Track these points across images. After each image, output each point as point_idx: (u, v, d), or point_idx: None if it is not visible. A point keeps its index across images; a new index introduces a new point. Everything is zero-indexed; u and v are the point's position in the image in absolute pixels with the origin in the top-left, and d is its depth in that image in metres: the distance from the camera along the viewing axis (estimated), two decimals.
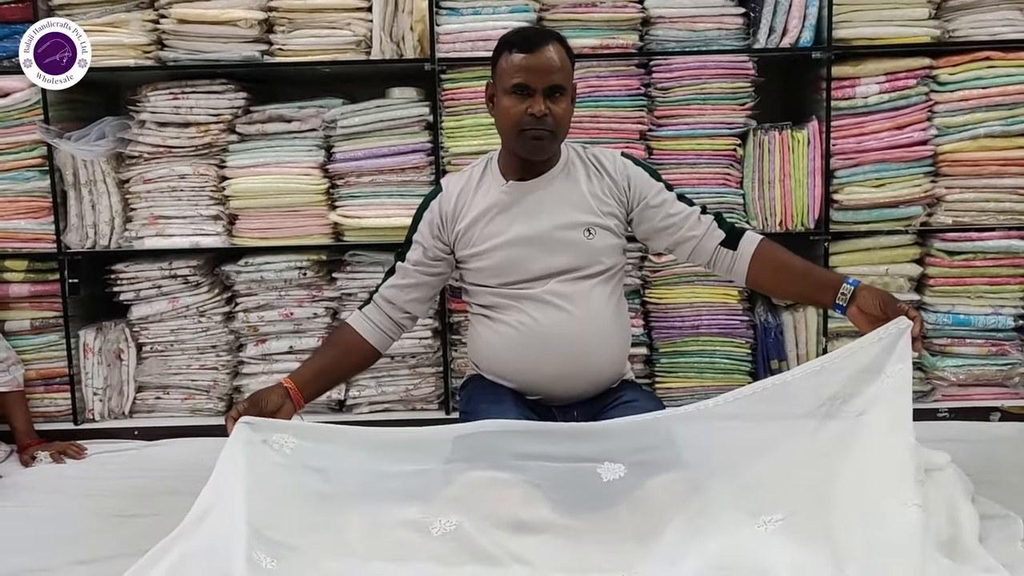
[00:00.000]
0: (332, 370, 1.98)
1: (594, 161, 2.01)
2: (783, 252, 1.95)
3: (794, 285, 1.96)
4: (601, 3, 2.69)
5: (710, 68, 2.71)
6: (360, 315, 2.01)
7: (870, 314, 1.75)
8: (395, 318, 2.02)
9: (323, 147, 2.78)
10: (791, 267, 1.93)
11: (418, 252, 2.02)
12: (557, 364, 1.92)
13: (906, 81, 2.67)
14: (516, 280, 1.94)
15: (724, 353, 2.81)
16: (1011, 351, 2.76)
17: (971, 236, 2.72)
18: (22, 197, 2.80)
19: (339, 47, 2.72)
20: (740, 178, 2.76)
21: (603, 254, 1.96)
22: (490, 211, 1.96)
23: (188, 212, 2.79)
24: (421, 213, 2.04)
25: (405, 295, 2.01)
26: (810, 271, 1.94)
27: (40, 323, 2.84)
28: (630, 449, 1.71)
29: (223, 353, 2.87)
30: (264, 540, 1.56)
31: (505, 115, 1.90)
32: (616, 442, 1.72)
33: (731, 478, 1.75)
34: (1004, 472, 2.24)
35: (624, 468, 1.69)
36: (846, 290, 1.80)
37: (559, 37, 1.94)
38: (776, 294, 2.48)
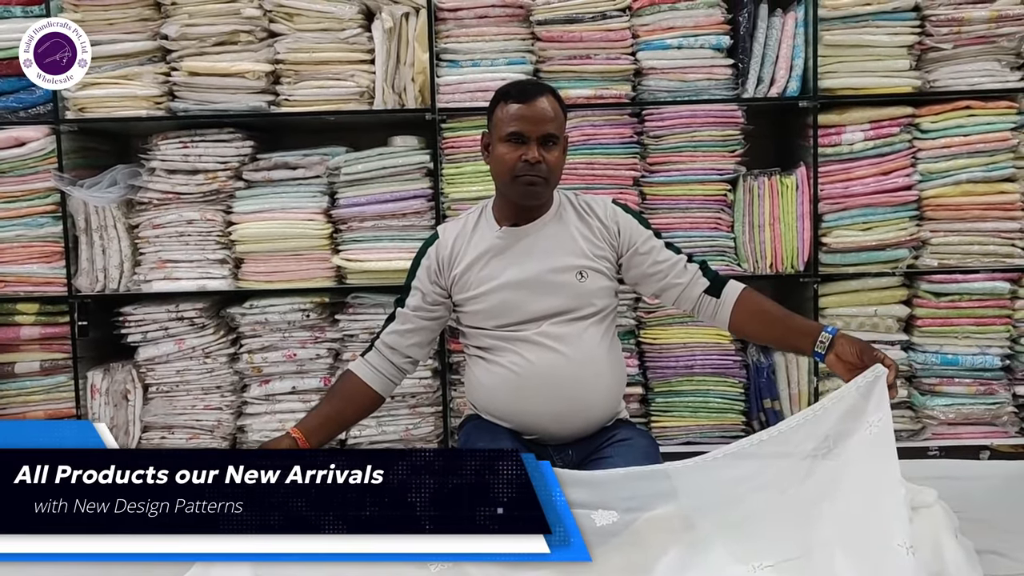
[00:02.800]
0: (338, 417, 2.03)
1: (585, 207, 2.08)
2: (764, 300, 2.01)
3: (774, 331, 2.00)
4: (595, 55, 2.79)
5: (700, 117, 2.80)
6: (363, 362, 2.06)
7: (848, 362, 1.79)
8: (397, 363, 2.07)
9: (327, 193, 2.86)
10: (771, 314, 1.99)
11: (417, 298, 2.08)
12: (551, 404, 1.97)
13: (890, 129, 2.76)
14: (510, 322, 2.00)
15: (718, 392, 2.86)
16: (999, 390, 2.81)
17: (956, 278, 2.79)
18: (35, 242, 2.87)
19: (343, 97, 2.82)
20: (731, 222, 2.83)
21: (595, 296, 2.02)
22: (485, 256, 2.03)
23: (195, 256, 2.87)
24: (419, 260, 2.10)
25: (406, 340, 2.07)
26: (790, 318, 1.99)
27: (50, 364, 2.90)
28: (625, 497, 1.74)
29: (227, 394, 2.93)
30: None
31: (500, 162, 1.98)
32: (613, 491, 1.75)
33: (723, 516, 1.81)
34: (993, 510, 2.26)
35: (617, 515, 1.73)
36: (824, 338, 1.84)
37: (552, 90, 2.03)
38: (757, 340, 2.53)
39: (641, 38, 2.80)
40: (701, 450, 2.77)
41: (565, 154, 2.05)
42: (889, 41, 2.75)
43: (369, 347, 2.09)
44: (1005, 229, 2.78)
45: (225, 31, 2.79)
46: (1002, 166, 2.76)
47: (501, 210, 2.07)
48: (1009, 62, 2.77)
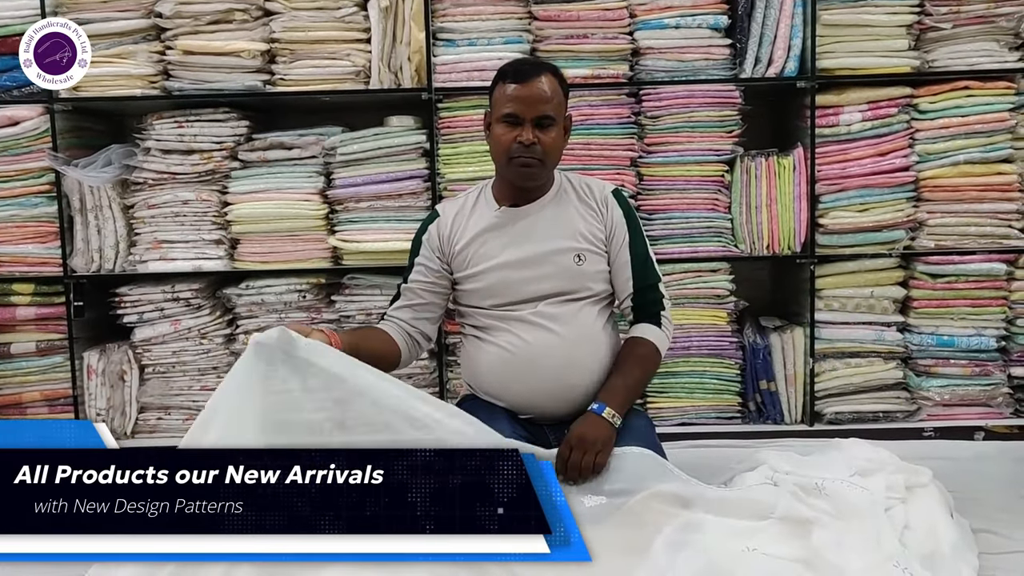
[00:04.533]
0: (365, 343, 1.95)
1: (585, 189, 2.08)
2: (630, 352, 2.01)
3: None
4: (592, 35, 2.78)
5: (698, 97, 2.79)
6: (383, 323, 2.08)
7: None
8: (412, 335, 2.08)
9: (323, 173, 2.85)
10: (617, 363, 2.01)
11: (421, 273, 2.08)
12: (547, 384, 1.98)
13: (888, 109, 2.76)
14: (506, 302, 2.01)
15: (714, 374, 2.87)
16: (994, 371, 2.82)
17: (953, 259, 2.79)
18: (30, 222, 2.87)
19: (339, 77, 2.80)
20: (728, 203, 2.83)
21: (592, 279, 2.02)
22: (483, 234, 2.04)
23: (191, 237, 2.87)
24: (420, 237, 2.11)
25: (414, 314, 2.08)
26: (614, 374, 1.98)
27: (45, 345, 2.90)
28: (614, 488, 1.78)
29: (224, 374, 2.91)
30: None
31: (497, 143, 1.98)
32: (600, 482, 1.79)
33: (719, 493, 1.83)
34: (987, 490, 2.28)
35: (605, 498, 1.76)
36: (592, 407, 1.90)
37: (554, 69, 2.00)
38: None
39: (639, 17, 2.78)
40: (697, 431, 2.82)
41: (567, 135, 2.03)
42: (888, 21, 2.74)
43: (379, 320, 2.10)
44: (1002, 210, 2.79)
45: (220, 9, 2.77)
46: (1000, 147, 2.76)
47: (500, 190, 2.07)
48: (1008, 42, 2.76)
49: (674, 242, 2.82)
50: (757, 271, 3.12)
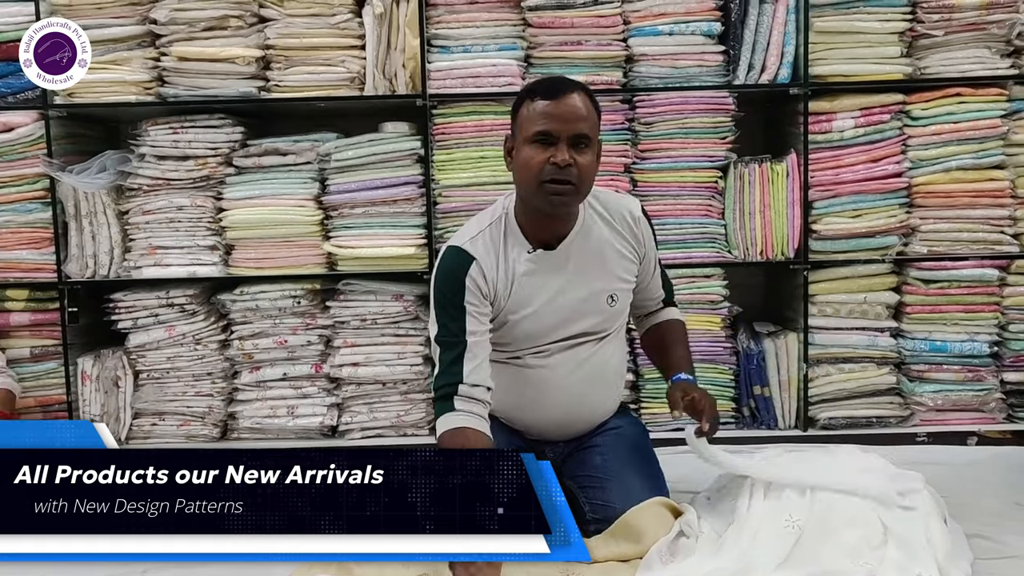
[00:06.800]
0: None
1: (612, 212, 1.92)
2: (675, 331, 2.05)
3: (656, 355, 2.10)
4: (586, 42, 2.79)
5: (692, 103, 2.80)
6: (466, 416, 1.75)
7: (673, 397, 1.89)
8: (487, 399, 1.80)
9: (317, 179, 2.86)
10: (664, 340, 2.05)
11: (476, 322, 1.81)
12: (560, 414, 1.94)
13: (880, 116, 2.77)
14: (532, 346, 1.91)
15: (708, 379, 2.87)
16: (987, 377, 2.83)
17: (946, 265, 2.80)
18: (24, 228, 2.86)
19: (333, 83, 2.81)
20: (722, 209, 2.84)
21: (620, 315, 1.96)
22: (519, 280, 1.86)
23: (186, 243, 2.87)
24: (460, 283, 1.82)
25: (487, 370, 1.81)
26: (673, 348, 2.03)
27: (40, 351, 2.90)
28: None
29: (218, 380, 2.93)
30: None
31: (526, 166, 1.76)
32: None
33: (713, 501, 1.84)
34: (981, 495, 2.29)
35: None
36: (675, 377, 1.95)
37: (585, 87, 1.83)
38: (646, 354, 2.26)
39: (632, 24, 2.79)
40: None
41: (599, 159, 1.84)
42: (880, 28, 2.76)
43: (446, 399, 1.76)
44: (994, 216, 2.80)
45: (215, 16, 2.78)
46: (991, 153, 2.77)
47: (528, 223, 1.86)
48: (999, 49, 2.77)
49: (668, 248, 2.82)
50: (751, 277, 3.12)
